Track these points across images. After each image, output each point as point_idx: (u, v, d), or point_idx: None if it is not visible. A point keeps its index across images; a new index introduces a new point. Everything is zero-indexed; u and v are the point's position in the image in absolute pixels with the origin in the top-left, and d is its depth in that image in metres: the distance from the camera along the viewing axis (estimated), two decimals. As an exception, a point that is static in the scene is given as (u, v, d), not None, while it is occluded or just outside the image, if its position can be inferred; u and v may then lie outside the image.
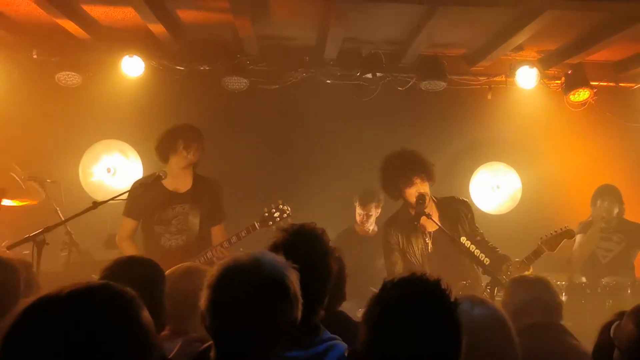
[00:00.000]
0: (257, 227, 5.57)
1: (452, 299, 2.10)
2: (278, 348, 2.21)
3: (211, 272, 2.24)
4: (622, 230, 6.76)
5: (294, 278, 2.24)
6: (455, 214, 5.62)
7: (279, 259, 2.31)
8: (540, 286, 3.78)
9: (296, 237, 2.86)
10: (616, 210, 6.72)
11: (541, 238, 5.64)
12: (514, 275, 5.31)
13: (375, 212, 6.99)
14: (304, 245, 2.80)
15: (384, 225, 5.84)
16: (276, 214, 5.60)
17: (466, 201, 5.89)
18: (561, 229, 5.68)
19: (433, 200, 5.65)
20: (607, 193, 6.72)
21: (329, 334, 2.70)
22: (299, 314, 2.24)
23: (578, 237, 6.63)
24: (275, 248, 2.80)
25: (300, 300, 2.24)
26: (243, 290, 2.15)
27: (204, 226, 5.79)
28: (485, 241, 5.58)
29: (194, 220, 5.74)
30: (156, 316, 2.86)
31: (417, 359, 2.01)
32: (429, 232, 5.53)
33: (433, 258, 5.49)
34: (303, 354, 2.56)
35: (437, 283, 2.12)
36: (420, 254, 5.52)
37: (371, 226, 7.05)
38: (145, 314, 1.67)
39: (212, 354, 2.21)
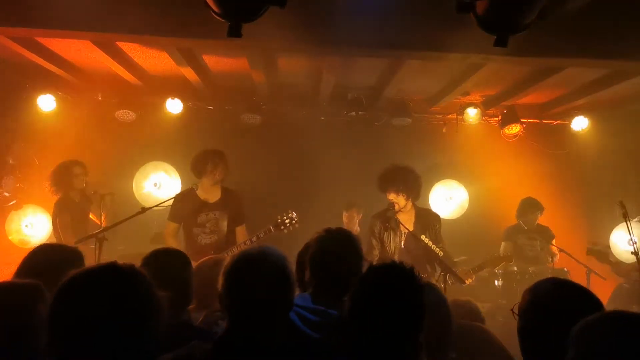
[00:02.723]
0: (272, 231, 5.52)
1: (420, 283, 2.10)
2: (278, 321, 2.16)
3: (227, 262, 2.20)
4: (539, 231, 6.83)
5: (291, 267, 2.22)
6: (427, 222, 5.55)
7: (281, 252, 2.26)
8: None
9: (335, 235, 2.86)
10: (538, 219, 6.81)
11: (486, 257, 5.70)
12: (462, 276, 5.33)
13: (357, 216, 6.99)
14: (341, 243, 2.80)
15: (371, 217, 5.75)
16: (287, 220, 5.54)
17: (438, 215, 5.81)
18: (503, 255, 5.75)
19: (415, 207, 5.60)
20: (534, 207, 6.76)
21: None
22: (294, 296, 2.21)
23: (503, 244, 6.68)
24: (317, 242, 2.79)
25: (296, 285, 2.22)
26: (253, 275, 2.12)
27: (230, 228, 5.73)
28: (446, 249, 5.46)
29: (223, 223, 5.69)
30: (182, 292, 2.89)
31: (389, 326, 1.99)
32: (405, 233, 5.47)
33: (402, 253, 5.43)
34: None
35: (412, 270, 2.13)
36: (393, 247, 5.46)
37: (354, 227, 7.02)
38: (145, 283, 1.75)
39: (225, 325, 2.17)
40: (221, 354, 2.06)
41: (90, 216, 6.45)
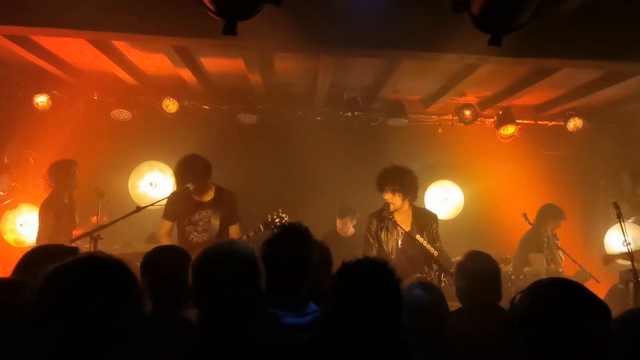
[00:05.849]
0: (262, 230, 5.51)
1: (396, 278, 2.15)
2: (248, 313, 2.15)
3: (195, 257, 2.20)
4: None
5: (259, 259, 2.22)
6: (424, 222, 5.50)
7: (248, 246, 2.28)
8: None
9: (287, 231, 2.86)
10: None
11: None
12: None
13: (350, 223, 6.94)
14: (293, 237, 2.80)
15: (368, 216, 5.67)
16: (277, 220, 5.51)
17: (436, 215, 5.74)
18: (501, 256, 5.71)
19: (412, 207, 5.55)
20: (560, 215, 6.67)
21: (315, 306, 2.64)
22: (262, 287, 2.20)
23: (533, 255, 6.59)
24: (272, 240, 2.79)
25: (264, 276, 2.21)
26: (221, 269, 2.12)
27: (223, 226, 5.70)
28: (442, 249, 5.45)
29: (215, 222, 5.67)
30: (181, 289, 2.88)
31: (367, 318, 2.03)
32: (402, 233, 5.43)
33: (400, 253, 5.37)
34: (298, 321, 2.52)
35: (385, 264, 2.18)
36: (391, 247, 5.39)
37: (349, 229, 7.01)
38: (124, 272, 1.81)
39: (198, 322, 2.16)
40: (198, 349, 2.06)
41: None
